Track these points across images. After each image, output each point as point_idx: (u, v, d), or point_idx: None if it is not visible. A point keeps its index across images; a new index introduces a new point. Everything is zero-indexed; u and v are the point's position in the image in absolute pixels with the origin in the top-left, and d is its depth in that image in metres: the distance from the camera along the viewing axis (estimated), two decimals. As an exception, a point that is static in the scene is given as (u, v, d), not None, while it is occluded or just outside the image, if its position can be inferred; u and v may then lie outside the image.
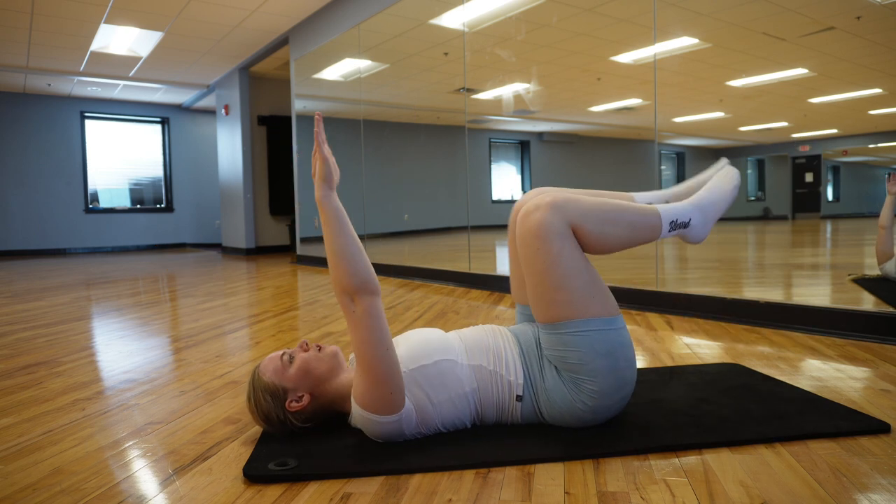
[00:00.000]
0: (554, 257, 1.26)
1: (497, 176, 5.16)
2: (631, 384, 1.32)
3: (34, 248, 9.48)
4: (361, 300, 1.17)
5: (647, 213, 1.36)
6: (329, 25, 5.99)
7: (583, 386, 1.27)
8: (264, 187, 8.61)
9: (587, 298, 1.27)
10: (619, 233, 1.31)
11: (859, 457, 1.18)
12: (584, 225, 1.28)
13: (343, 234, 1.18)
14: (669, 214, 1.37)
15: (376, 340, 1.17)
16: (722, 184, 1.45)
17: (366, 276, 1.18)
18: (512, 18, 4.12)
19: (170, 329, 2.91)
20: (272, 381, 1.31)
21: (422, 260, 5.04)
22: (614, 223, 1.31)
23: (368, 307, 1.17)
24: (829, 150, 3.20)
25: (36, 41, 6.70)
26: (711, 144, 3.82)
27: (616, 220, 1.31)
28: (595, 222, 1.29)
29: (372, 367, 1.18)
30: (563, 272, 1.26)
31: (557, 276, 1.26)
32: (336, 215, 1.19)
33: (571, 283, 1.27)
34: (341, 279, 1.18)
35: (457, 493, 1.08)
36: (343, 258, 1.17)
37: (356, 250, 1.19)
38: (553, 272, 1.26)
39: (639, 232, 1.34)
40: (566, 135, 4.94)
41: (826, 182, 3.24)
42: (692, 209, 1.40)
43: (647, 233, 1.35)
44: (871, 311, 2.29)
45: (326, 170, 1.20)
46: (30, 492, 1.12)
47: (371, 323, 1.17)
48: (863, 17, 2.68)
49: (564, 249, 1.26)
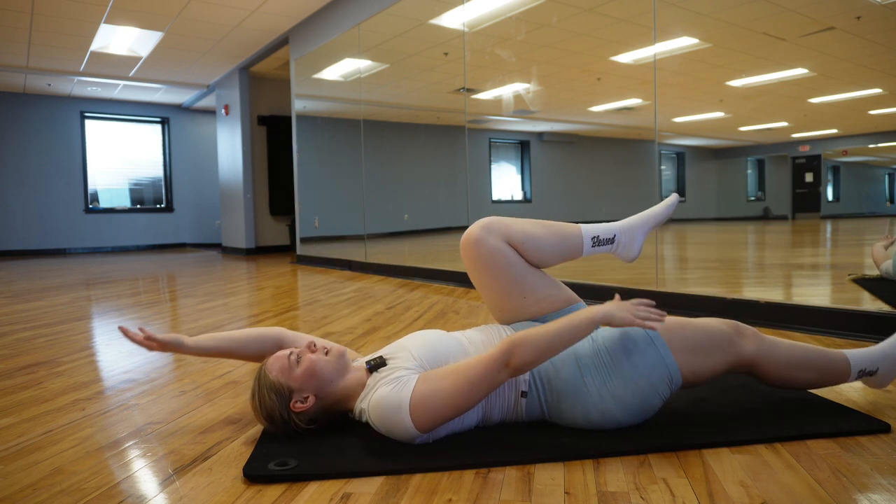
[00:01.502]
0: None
1: (497, 176, 5.17)
2: (640, 420, 1.32)
3: (34, 248, 9.48)
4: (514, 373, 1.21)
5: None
6: (329, 25, 6.00)
7: (611, 384, 1.27)
8: (264, 187, 8.61)
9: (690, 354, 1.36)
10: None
11: (859, 457, 1.18)
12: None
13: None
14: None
15: (483, 391, 1.21)
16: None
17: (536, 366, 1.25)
18: (512, 18, 4.12)
19: (170, 329, 2.91)
20: (278, 379, 1.31)
21: (422, 260, 5.04)
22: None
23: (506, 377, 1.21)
24: (829, 150, 3.20)
25: (36, 41, 6.70)
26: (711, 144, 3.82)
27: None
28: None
29: (460, 401, 1.20)
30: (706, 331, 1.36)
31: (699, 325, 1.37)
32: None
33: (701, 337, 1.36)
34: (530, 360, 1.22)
35: (457, 493, 1.08)
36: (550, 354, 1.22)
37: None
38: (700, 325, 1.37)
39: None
40: (566, 135, 4.94)
41: (826, 182, 3.24)
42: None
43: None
44: (871, 311, 2.29)
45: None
46: (30, 492, 1.12)
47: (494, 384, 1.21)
48: (863, 17, 2.68)
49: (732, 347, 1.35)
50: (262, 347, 1.52)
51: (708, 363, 1.32)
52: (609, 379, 1.28)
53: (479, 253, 1.41)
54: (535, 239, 1.44)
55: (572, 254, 1.49)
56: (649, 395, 1.28)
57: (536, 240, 1.44)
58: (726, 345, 1.33)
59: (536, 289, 1.44)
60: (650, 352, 1.28)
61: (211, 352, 1.51)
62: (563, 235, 1.47)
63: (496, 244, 1.41)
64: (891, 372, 1.45)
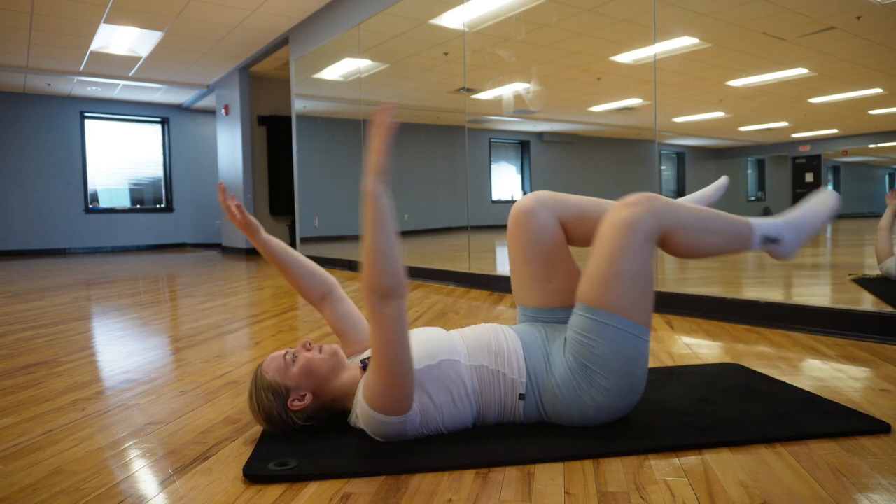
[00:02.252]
0: (633, 250, 1.27)
1: (497, 176, 5.17)
2: (638, 395, 1.33)
3: (34, 248, 9.48)
4: (391, 302, 1.14)
5: (740, 223, 1.39)
6: (329, 25, 6.00)
7: (595, 381, 1.27)
8: (264, 187, 8.61)
9: (637, 301, 1.29)
10: (712, 240, 1.36)
11: (859, 457, 1.18)
12: (676, 234, 1.32)
13: (385, 233, 1.15)
14: (762, 228, 1.40)
15: (399, 343, 1.16)
16: (817, 203, 1.47)
17: (400, 279, 1.15)
18: (512, 18, 4.12)
19: (170, 329, 2.91)
20: (275, 379, 1.32)
21: (422, 260, 5.04)
22: (707, 230, 1.35)
23: (397, 310, 1.16)
24: (829, 150, 3.20)
25: (36, 41, 6.70)
26: (711, 144, 3.82)
27: (709, 227, 1.35)
28: (687, 231, 1.33)
29: (392, 369, 1.17)
30: (633, 267, 1.27)
31: (625, 268, 1.27)
32: (382, 212, 1.16)
33: (633, 280, 1.28)
34: (375, 279, 1.14)
35: (457, 493, 1.08)
36: (382, 258, 1.14)
37: (396, 251, 1.16)
38: (623, 262, 1.27)
39: (731, 243, 1.38)
40: (566, 135, 4.94)
41: (826, 182, 3.24)
42: (784, 226, 1.42)
43: (738, 244, 1.39)
44: (871, 311, 2.29)
45: (384, 162, 1.17)
46: (30, 492, 1.12)
47: (397, 326, 1.16)
48: (863, 17, 2.68)
49: (644, 250, 1.28)
50: (314, 287, 1.57)
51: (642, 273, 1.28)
52: (595, 376, 1.27)
53: (526, 224, 1.41)
54: (589, 220, 1.42)
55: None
56: (632, 367, 1.28)
57: (590, 221, 1.42)
58: (637, 241, 1.27)
59: (563, 278, 1.43)
60: (605, 331, 1.27)
61: (273, 256, 1.55)
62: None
63: (546, 219, 1.41)
64: (794, 241, 1.42)
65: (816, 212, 1.46)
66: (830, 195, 1.48)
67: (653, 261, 1.32)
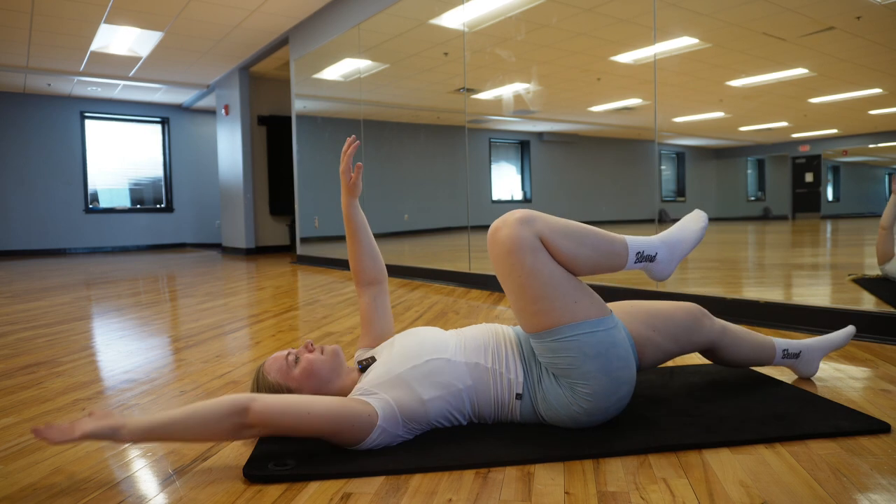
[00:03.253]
0: (529, 270, 1.25)
1: (497, 176, 5.16)
2: (628, 384, 1.31)
3: (34, 248, 9.48)
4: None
5: (615, 239, 1.35)
6: (329, 25, 6.00)
7: (577, 389, 1.27)
8: (264, 187, 8.61)
9: (570, 304, 1.27)
10: (587, 253, 1.30)
11: (859, 457, 1.18)
12: (553, 239, 1.27)
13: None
14: (637, 245, 1.37)
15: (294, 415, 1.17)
16: (690, 223, 1.48)
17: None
18: (512, 18, 4.12)
19: (170, 329, 2.91)
20: (276, 380, 1.32)
21: (422, 260, 5.04)
22: (582, 242, 1.30)
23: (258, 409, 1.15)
24: (829, 150, 3.20)
25: (36, 41, 6.70)
26: (711, 144, 3.82)
27: (583, 240, 1.30)
28: (563, 237, 1.28)
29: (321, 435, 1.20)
30: (542, 283, 1.26)
31: (536, 288, 1.26)
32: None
33: (552, 292, 1.26)
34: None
35: (457, 493, 1.08)
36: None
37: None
38: (531, 285, 1.26)
39: (605, 257, 1.33)
40: (566, 135, 4.94)
41: (826, 182, 3.24)
42: (660, 244, 1.41)
43: (613, 259, 1.34)
44: (871, 311, 2.29)
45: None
46: (30, 492, 1.12)
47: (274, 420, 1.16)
48: (863, 17, 2.68)
49: (538, 261, 1.25)
50: (371, 270, 1.59)
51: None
52: (574, 381, 1.27)
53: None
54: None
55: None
56: (604, 361, 1.26)
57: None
58: (520, 257, 1.26)
59: None
60: (560, 346, 1.27)
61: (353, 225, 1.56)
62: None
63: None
64: (669, 259, 1.41)
65: (689, 231, 1.46)
66: (701, 215, 1.49)
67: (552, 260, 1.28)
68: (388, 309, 1.61)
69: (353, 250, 1.57)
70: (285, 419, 1.16)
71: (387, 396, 1.24)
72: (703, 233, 1.46)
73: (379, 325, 1.57)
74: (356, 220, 1.55)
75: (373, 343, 1.55)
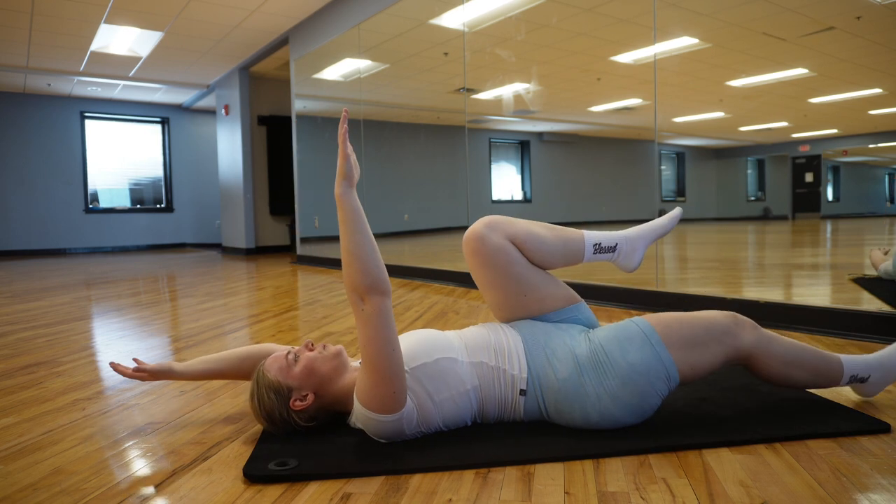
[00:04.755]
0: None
1: (497, 176, 5.17)
2: (643, 417, 1.31)
3: (34, 248, 9.48)
4: (371, 299, 1.18)
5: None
6: (329, 25, 6.00)
7: (605, 382, 1.27)
8: (264, 187, 8.61)
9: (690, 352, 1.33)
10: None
11: (859, 457, 1.18)
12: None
13: (358, 233, 1.20)
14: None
15: (383, 339, 1.18)
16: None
17: (377, 276, 1.19)
18: (512, 18, 4.12)
19: (170, 329, 2.91)
20: (277, 379, 1.32)
21: (422, 260, 5.04)
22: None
23: (378, 307, 1.18)
24: (829, 150, 3.20)
25: (36, 41, 6.70)
26: (711, 144, 3.82)
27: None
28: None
29: (377, 366, 1.18)
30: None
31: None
32: (353, 213, 1.21)
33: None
34: (352, 278, 1.19)
35: (457, 493, 1.08)
36: (357, 258, 1.19)
37: (370, 249, 1.20)
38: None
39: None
40: (566, 135, 4.94)
41: (826, 182, 3.24)
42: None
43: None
44: (871, 311, 2.29)
45: (348, 167, 1.21)
46: (30, 492, 1.12)
47: (379, 322, 1.18)
48: (863, 17, 2.68)
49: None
50: (255, 364, 1.49)
51: (706, 357, 1.30)
52: (606, 379, 1.28)
53: (482, 250, 1.40)
54: (537, 239, 1.43)
55: (573, 258, 1.48)
56: (647, 393, 1.27)
57: (539, 240, 1.43)
58: (724, 336, 1.32)
59: (537, 287, 1.44)
60: (646, 350, 1.28)
61: (203, 374, 1.49)
62: (565, 239, 1.46)
63: (499, 241, 1.40)
64: (881, 381, 1.45)
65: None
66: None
67: None
68: None
69: (236, 378, 1.57)
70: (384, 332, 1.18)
71: (411, 396, 1.25)
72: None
73: None
74: (206, 372, 1.50)
75: None
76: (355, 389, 1.27)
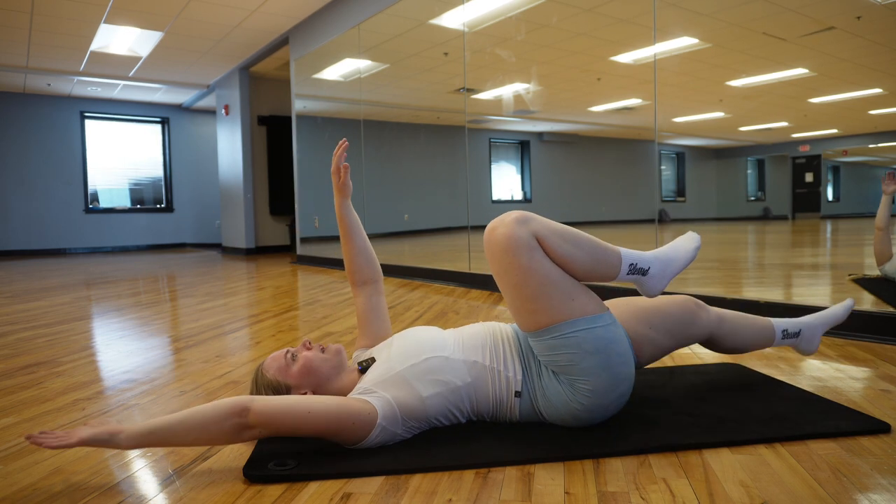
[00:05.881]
0: (525, 268, 1.26)
1: (497, 176, 5.17)
2: (628, 380, 1.31)
3: (34, 248, 9.48)
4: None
5: (609, 249, 1.36)
6: (329, 25, 6.00)
7: (578, 385, 1.27)
8: (264, 187, 8.61)
9: (567, 301, 1.27)
10: (581, 257, 1.30)
11: (859, 457, 1.18)
12: (549, 239, 1.28)
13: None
14: (630, 257, 1.37)
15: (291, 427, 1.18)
16: (685, 243, 1.48)
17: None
18: (512, 18, 4.12)
19: (170, 329, 2.91)
20: (275, 378, 1.32)
21: (422, 260, 5.04)
22: (577, 245, 1.30)
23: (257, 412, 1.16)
24: (829, 150, 3.20)
25: (36, 41, 6.70)
26: (711, 144, 3.82)
27: (579, 243, 1.31)
28: (559, 238, 1.29)
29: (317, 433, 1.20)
30: (538, 281, 1.27)
31: (533, 287, 1.27)
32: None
33: (547, 290, 1.27)
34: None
35: (457, 493, 1.08)
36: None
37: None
38: (528, 283, 1.27)
39: (599, 264, 1.33)
40: (566, 135, 4.94)
41: (826, 182, 3.24)
42: (653, 259, 1.41)
43: (606, 268, 1.34)
44: (871, 311, 2.29)
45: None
46: (30, 492, 1.12)
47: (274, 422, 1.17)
48: (863, 17, 2.68)
49: (534, 260, 1.26)
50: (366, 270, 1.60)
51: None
52: (574, 376, 1.27)
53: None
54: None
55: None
56: (613, 363, 1.27)
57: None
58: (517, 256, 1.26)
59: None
60: (558, 343, 1.27)
61: (346, 225, 1.58)
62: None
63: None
64: (661, 275, 1.40)
65: (682, 251, 1.46)
66: (694, 237, 1.49)
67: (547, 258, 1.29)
68: (385, 308, 1.61)
69: (347, 250, 1.59)
70: (286, 419, 1.16)
71: (386, 395, 1.24)
72: (695, 253, 1.47)
73: (375, 324, 1.57)
74: (349, 220, 1.57)
75: (371, 343, 1.55)
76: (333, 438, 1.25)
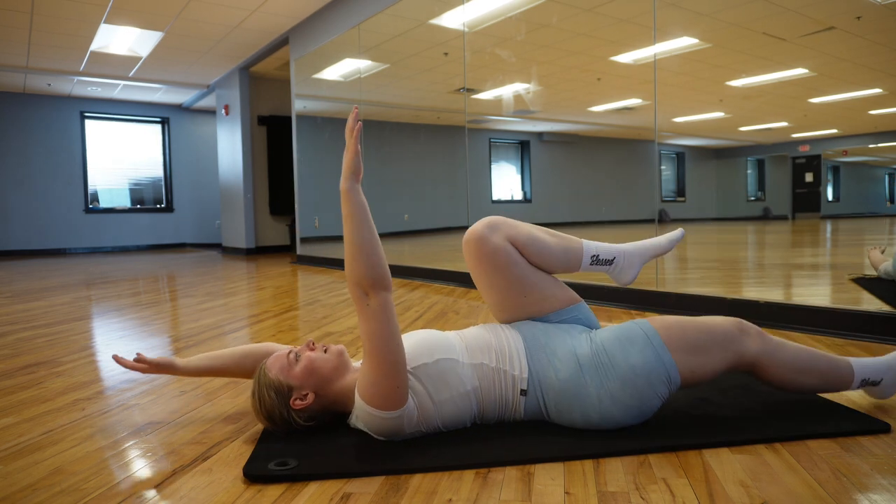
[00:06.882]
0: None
1: (497, 176, 5.17)
2: (642, 419, 1.32)
3: (34, 248, 9.48)
4: (376, 294, 1.18)
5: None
6: (329, 25, 6.00)
7: (606, 383, 1.27)
8: (264, 187, 8.61)
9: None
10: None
11: (859, 457, 1.18)
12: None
13: (365, 228, 1.21)
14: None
15: (388, 333, 1.19)
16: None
17: (382, 271, 1.20)
18: (512, 18, 4.12)
19: (170, 329, 2.91)
20: (278, 378, 1.32)
21: (422, 260, 5.04)
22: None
23: (382, 301, 1.19)
24: (829, 150, 3.20)
25: (36, 41, 6.70)
26: (711, 144, 3.82)
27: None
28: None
29: (382, 360, 1.19)
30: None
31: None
32: (359, 207, 1.22)
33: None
34: (357, 272, 1.19)
35: (457, 493, 1.08)
36: (362, 252, 1.19)
37: (375, 244, 1.20)
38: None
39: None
40: (566, 135, 4.94)
41: (826, 182, 3.24)
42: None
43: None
44: (871, 311, 2.29)
45: (356, 162, 1.24)
46: (30, 492, 1.12)
47: (383, 316, 1.18)
48: (863, 17, 2.68)
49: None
50: (256, 362, 1.51)
51: (709, 362, 1.30)
52: (607, 380, 1.28)
53: (482, 250, 1.40)
54: (538, 243, 1.43)
55: (571, 266, 1.49)
56: (648, 395, 1.27)
57: (540, 244, 1.43)
58: (728, 343, 1.31)
59: (538, 288, 1.44)
60: (648, 351, 1.28)
61: (204, 371, 1.50)
62: (565, 247, 1.46)
63: (499, 242, 1.39)
64: (894, 382, 1.44)
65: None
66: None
67: None
68: None
69: (237, 376, 1.58)
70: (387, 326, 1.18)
71: (412, 394, 1.25)
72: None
73: None
74: (208, 369, 1.52)
75: None
76: (357, 386, 1.26)
